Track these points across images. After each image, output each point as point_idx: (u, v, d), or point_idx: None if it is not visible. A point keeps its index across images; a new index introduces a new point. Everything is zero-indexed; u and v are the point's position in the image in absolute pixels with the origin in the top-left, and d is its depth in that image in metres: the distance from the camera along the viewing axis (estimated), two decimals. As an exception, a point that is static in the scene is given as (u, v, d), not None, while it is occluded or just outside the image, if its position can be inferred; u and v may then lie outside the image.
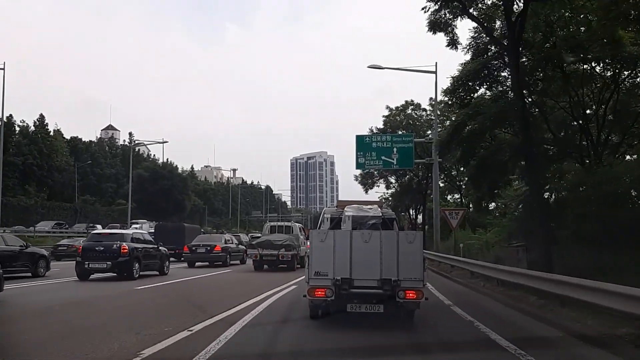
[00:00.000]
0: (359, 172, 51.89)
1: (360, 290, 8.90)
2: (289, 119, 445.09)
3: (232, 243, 30.21)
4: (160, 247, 22.05)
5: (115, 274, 19.55)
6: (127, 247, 19.37)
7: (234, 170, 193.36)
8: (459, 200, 47.80)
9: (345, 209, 11.02)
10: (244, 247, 30.81)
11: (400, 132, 40.41)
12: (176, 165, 74.23)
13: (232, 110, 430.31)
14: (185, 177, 64.68)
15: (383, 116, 41.64)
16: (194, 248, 27.83)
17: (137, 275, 19.67)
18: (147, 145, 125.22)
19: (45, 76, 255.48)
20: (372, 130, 42.21)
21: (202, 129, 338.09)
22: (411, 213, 61.07)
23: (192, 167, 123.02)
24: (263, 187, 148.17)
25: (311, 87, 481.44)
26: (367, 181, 51.03)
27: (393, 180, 53.49)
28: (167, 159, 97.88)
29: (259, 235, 30.52)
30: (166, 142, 53.64)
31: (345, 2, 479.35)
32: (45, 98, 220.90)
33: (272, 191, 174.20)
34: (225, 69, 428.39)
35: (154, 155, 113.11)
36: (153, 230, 35.11)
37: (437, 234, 31.06)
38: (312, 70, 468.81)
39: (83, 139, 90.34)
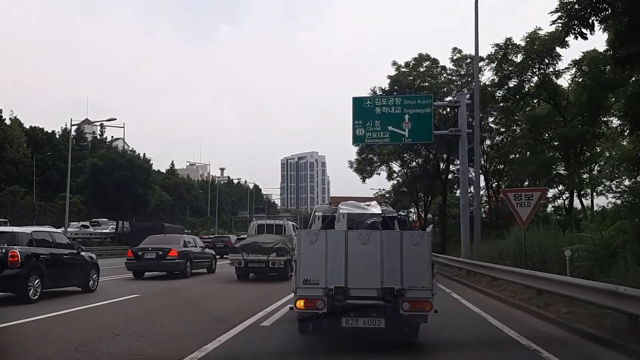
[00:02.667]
0: (353, 157, 41.37)
1: (357, 301, 7.52)
2: (281, 119, 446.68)
3: (195, 246, 23.48)
4: (83, 253, 15.97)
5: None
6: (17, 255, 12.95)
7: (222, 169, 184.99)
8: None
9: (339, 205, 9.31)
10: (212, 252, 25.28)
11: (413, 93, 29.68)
12: (138, 154, 63.31)
13: (223, 110, 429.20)
14: (148, 167, 53.83)
15: (389, 76, 30.94)
16: (140, 253, 21.36)
17: (36, 297, 13.20)
18: (125, 141, 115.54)
19: (37, 75, 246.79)
20: (374, 92, 31.47)
21: (193, 128, 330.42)
22: (413, 211, 50.38)
23: (172, 163, 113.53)
24: (251, 185, 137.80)
25: (304, 87, 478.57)
26: (364, 168, 40.36)
27: (397, 168, 42.83)
28: (138, 152, 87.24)
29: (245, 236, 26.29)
30: (114, 119, 43.29)
31: (338, 1, 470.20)
32: (35, 97, 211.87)
33: (261, 190, 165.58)
34: (218, 69, 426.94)
35: (133, 149, 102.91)
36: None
37: (478, 233, 20.47)
38: (305, 70, 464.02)
39: (45, 129, 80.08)
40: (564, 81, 26.79)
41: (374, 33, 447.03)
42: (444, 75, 30.62)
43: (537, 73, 25.29)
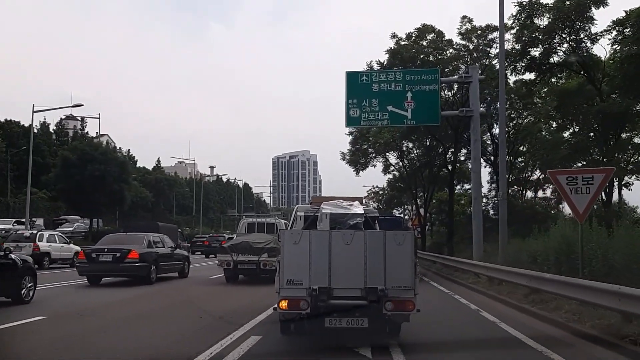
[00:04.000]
0: (346, 148, 37.18)
1: (340, 301, 7.49)
2: (273, 118, 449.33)
3: (164, 246, 20.26)
4: (13, 255, 12.98)
5: None
6: None
7: (212, 167, 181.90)
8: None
9: (322, 205, 9.12)
10: (184, 253, 22.37)
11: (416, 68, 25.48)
12: (114, 146, 58.90)
13: (215, 109, 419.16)
14: (124, 161, 49.74)
15: (387, 50, 26.56)
16: (93, 255, 18.14)
17: None
18: (111, 137, 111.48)
19: (26, 72, 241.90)
20: (370, 67, 27.19)
21: (184, 127, 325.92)
22: (411, 208, 46.24)
23: (158, 160, 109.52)
24: (240, 183, 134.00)
25: (296, 86, 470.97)
26: (358, 160, 36.15)
27: (394, 160, 38.60)
28: (121, 148, 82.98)
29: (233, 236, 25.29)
30: (81, 105, 38.55)
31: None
32: (24, 95, 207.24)
33: (252, 189, 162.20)
34: (210, 68, 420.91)
35: (119, 147, 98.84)
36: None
37: (504, 230, 16.28)
38: (297, 69, 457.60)
39: (21, 123, 75.89)
40: (600, 49, 22.59)
41: (367, 32, 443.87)
42: (450, 50, 26.51)
43: (568, 39, 21.13)
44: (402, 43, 26.12)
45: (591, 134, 22.13)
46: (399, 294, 7.44)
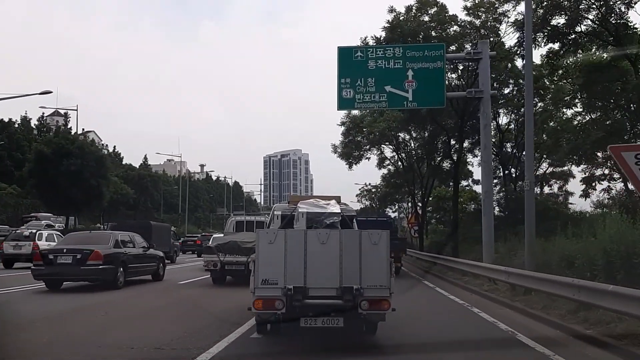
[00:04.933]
0: (338, 140, 34.16)
1: (316, 300, 7.48)
2: (265, 117, 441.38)
3: (134, 246, 18.22)
4: None
5: None
6: None
7: (202, 165, 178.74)
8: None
9: (298, 204, 9.11)
10: (158, 254, 20.05)
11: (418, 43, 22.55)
12: (92, 140, 55.68)
13: (206, 107, 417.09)
14: (102, 155, 46.67)
15: (384, 27, 23.47)
16: (51, 257, 16.10)
17: None
18: (98, 134, 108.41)
19: (10, 68, 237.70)
20: (365, 43, 24.13)
21: (175, 126, 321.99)
22: (408, 205, 43.38)
23: (145, 157, 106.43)
24: (230, 181, 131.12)
25: (288, 86, 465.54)
26: (350, 152, 33.22)
27: (389, 153, 35.66)
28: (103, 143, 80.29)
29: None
30: (49, 92, 35.44)
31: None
32: (8, 91, 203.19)
33: (242, 188, 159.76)
34: (202, 66, 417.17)
35: (106, 145, 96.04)
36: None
37: (532, 227, 13.18)
38: (289, 68, 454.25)
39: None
40: (636, 16, 19.51)
41: (360, 31, 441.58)
42: (454, 28, 23.56)
43: (597, 4, 18.11)
44: (401, 18, 23.13)
45: (625, 115, 19.23)
46: (375, 293, 7.43)
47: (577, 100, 21.97)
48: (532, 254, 12.84)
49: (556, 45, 19.68)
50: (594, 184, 27.27)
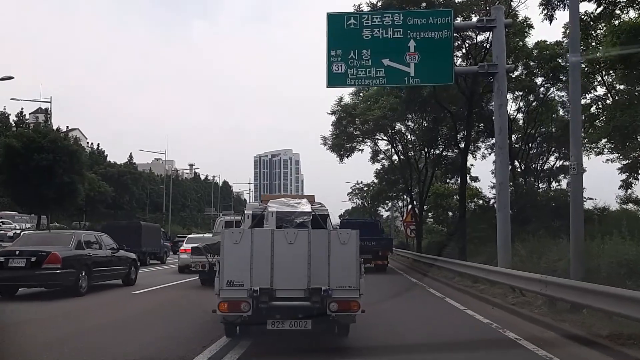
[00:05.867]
0: (328, 131, 31.12)
1: (283, 302, 7.30)
2: (256, 117, 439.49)
3: (101, 248, 16.54)
4: None
5: None
6: None
7: (191, 165, 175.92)
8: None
9: (268, 204, 8.92)
10: (130, 256, 18.34)
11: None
12: (64, 133, 52.18)
13: (196, 107, 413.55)
14: (77, 150, 43.48)
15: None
16: (1, 260, 14.27)
17: None
18: (82, 131, 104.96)
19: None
20: (359, 10, 21.03)
21: (164, 125, 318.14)
22: (403, 204, 40.46)
23: (130, 155, 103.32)
24: (218, 180, 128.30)
25: (278, 85, 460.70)
26: (341, 144, 30.19)
27: (384, 145, 32.64)
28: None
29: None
30: (10, 78, 32.18)
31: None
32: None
33: (232, 187, 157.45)
34: (190, 65, 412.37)
35: (91, 143, 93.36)
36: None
37: (579, 223, 10.06)
38: (279, 68, 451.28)
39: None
40: None
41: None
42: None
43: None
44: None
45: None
46: (344, 294, 7.28)
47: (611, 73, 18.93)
48: (580, 259, 9.81)
49: (591, 6, 16.60)
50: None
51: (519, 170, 29.70)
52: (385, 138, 32.61)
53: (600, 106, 22.11)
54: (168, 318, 10.90)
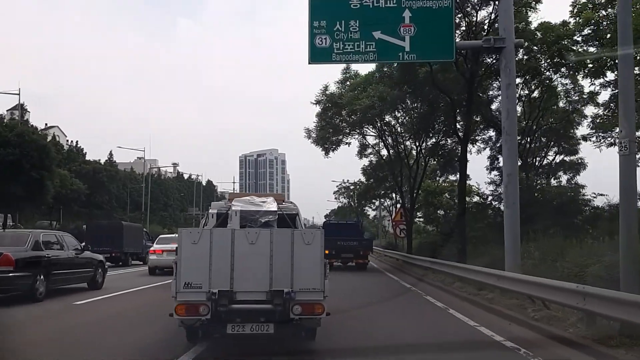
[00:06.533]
0: (312, 123, 28.76)
1: (244, 305, 6.99)
2: (241, 116, 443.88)
3: (62, 248, 15.01)
4: None
5: None
6: None
7: (175, 164, 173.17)
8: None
9: (232, 202, 8.42)
10: (97, 257, 16.63)
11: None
12: (34, 127, 49.44)
13: (181, 106, 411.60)
14: (46, 144, 40.87)
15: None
16: None
17: None
18: (62, 129, 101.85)
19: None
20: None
21: (150, 125, 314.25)
22: (392, 202, 38.28)
23: (110, 153, 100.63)
24: (201, 179, 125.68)
25: (265, 85, 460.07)
26: (326, 137, 27.87)
27: (372, 139, 30.39)
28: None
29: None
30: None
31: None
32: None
33: (216, 187, 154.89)
34: (177, 64, 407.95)
35: (70, 141, 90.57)
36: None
37: (633, 217, 7.85)
38: (266, 68, 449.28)
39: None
40: None
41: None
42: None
43: None
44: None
45: None
46: (307, 296, 7.03)
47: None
48: (635, 263, 7.58)
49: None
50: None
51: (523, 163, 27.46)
52: (373, 132, 30.34)
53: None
54: (132, 327, 9.96)
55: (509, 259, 13.36)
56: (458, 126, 22.58)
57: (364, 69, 32.80)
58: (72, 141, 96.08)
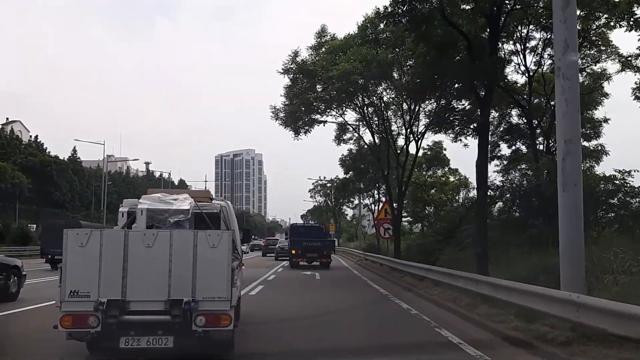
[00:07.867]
0: (280, 101, 23.59)
1: (137, 317, 6.21)
2: (217, 117, 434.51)
3: None
4: None
5: None
6: None
7: (147, 163, 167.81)
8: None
9: (140, 200, 7.65)
10: (13, 263, 14.61)
11: None
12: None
13: (155, 106, 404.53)
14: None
15: None
16: None
17: None
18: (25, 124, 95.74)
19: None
20: None
21: (125, 124, 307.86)
22: (376, 198, 33.49)
23: (74, 149, 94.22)
24: (171, 177, 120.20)
25: (241, 85, 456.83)
26: (298, 116, 22.79)
27: (354, 119, 25.34)
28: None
29: None
30: None
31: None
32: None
33: (189, 186, 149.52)
34: (153, 64, 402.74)
35: (32, 136, 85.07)
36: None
37: None
38: (243, 68, 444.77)
39: None
40: None
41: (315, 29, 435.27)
42: None
43: None
44: None
45: None
46: (212, 306, 6.31)
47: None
48: None
49: None
50: None
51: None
52: (353, 113, 24.92)
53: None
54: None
55: (567, 269, 8.45)
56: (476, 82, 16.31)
57: (343, 30, 27.92)
58: (31, 135, 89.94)
